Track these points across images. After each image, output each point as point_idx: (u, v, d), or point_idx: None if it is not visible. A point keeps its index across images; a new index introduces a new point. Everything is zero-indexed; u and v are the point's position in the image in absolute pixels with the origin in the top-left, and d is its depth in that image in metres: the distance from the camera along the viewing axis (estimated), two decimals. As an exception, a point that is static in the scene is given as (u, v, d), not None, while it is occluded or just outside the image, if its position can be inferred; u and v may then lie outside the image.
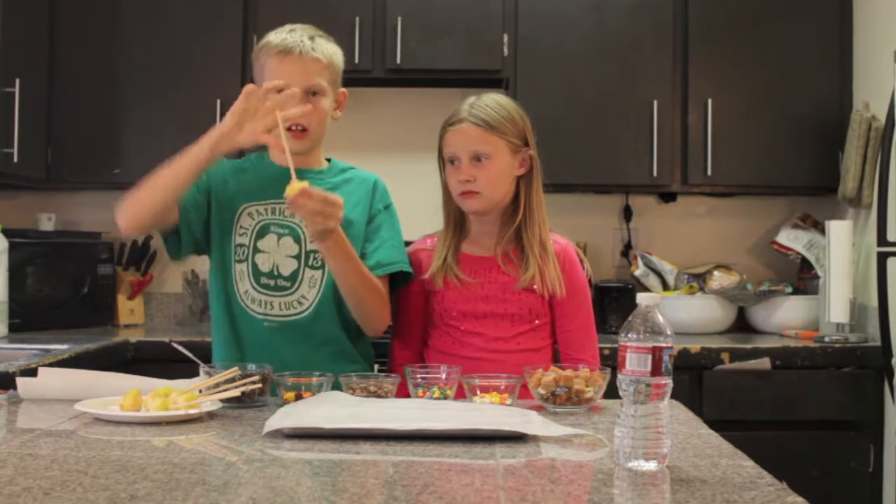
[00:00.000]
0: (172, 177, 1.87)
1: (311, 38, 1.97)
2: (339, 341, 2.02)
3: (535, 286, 2.01)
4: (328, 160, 2.13)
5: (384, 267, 2.01)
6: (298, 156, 1.93)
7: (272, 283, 1.99)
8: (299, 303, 1.99)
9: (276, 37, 1.98)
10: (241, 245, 2.00)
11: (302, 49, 1.95)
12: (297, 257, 1.99)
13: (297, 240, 2.00)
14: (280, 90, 1.86)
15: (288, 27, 2.01)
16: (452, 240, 2.07)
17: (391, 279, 2.04)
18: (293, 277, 1.99)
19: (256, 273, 1.99)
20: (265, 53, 1.98)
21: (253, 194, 2.02)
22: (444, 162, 2.05)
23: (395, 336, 2.13)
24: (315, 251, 1.98)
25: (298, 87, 1.92)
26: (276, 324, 1.99)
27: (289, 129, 1.92)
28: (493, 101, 2.02)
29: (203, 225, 2.02)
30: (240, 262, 2.00)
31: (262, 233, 2.00)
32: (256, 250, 2.00)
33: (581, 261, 2.10)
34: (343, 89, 2.07)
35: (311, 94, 1.96)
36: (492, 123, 1.98)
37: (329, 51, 2.00)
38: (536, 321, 2.03)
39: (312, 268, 1.99)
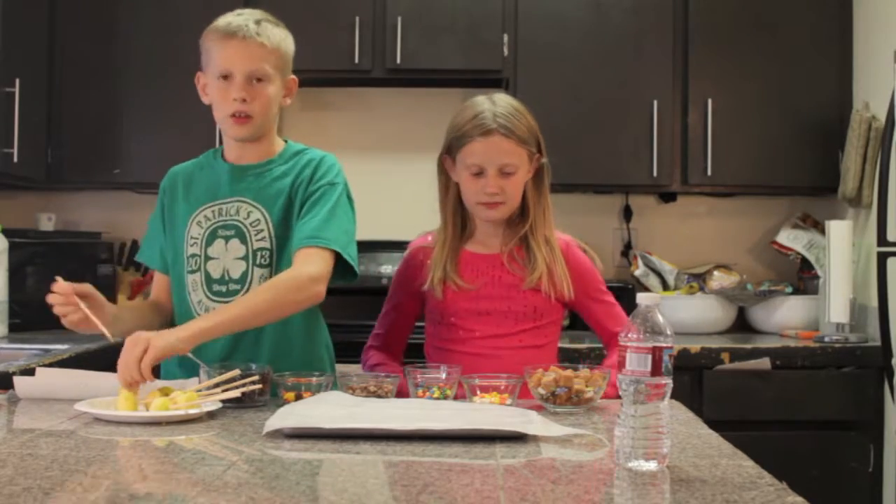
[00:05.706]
0: None
1: (257, 23, 1.91)
2: (288, 337, 1.96)
3: (541, 286, 1.99)
4: (285, 141, 2.04)
5: (310, 239, 1.86)
6: (246, 150, 1.96)
7: (224, 288, 1.93)
8: None
9: (223, 20, 1.93)
10: (194, 255, 1.95)
11: (246, 33, 1.89)
12: (245, 258, 1.94)
13: (244, 240, 1.94)
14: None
15: (237, 11, 1.96)
16: (452, 243, 2.02)
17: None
18: (243, 279, 1.93)
19: (209, 281, 1.94)
20: (210, 38, 1.93)
21: (199, 200, 1.97)
22: (459, 166, 1.98)
23: (375, 337, 2.10)
24: (262, 249, 1.92)
25: (241, 72, 1.89)
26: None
27: (232, 115, 1.90)
28: (513, 109, 1.96)
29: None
30: (192, 272, 1.95)
31: (210, 240, 1.94)
32: (207, 258, 1.94)
33: (585, 252, 2.07)
34: (293, 76, 2.00)
35: (256, 80, 1.90)
36: (521, 136, 1.94)
37: (276, 36, 1.93)
38: (541, 320, 2.02)
39: (261, 266, 1.93)
